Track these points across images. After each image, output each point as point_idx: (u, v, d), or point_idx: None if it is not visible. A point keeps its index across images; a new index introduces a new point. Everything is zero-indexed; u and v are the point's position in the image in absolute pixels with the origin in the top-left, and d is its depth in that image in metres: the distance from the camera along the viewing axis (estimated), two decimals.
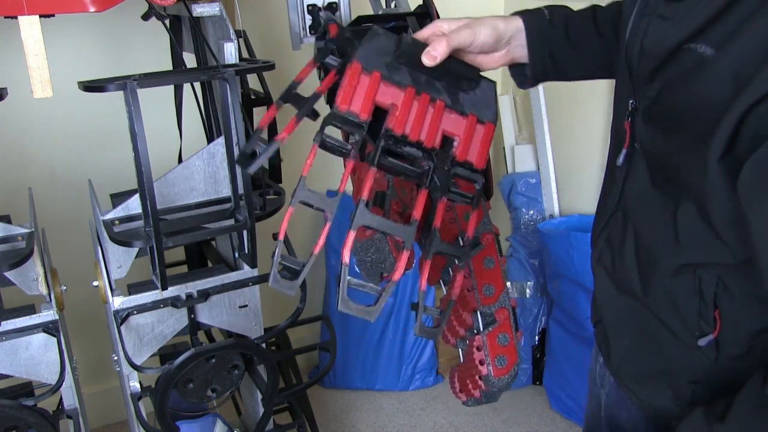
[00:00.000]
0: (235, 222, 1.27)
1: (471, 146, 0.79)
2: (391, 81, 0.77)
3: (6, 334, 1.20)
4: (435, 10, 1.16)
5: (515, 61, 0.93)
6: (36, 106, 1.74)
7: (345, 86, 0.76)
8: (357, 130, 0.75)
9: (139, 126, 1.10)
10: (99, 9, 1.07)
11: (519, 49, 0.91)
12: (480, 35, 0.85)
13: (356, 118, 0.75)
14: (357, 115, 0.75)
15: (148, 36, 1.85)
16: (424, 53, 0.78)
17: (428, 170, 0.76)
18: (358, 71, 0.76)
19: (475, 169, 0.79)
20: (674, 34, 0.70)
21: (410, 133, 0.76)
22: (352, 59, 0.76)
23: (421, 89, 0.78)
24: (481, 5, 2.42)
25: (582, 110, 2.20)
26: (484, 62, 0.90)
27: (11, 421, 1.20)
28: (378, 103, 0.76)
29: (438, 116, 0.78)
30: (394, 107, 0.77)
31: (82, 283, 1.46)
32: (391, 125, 0.76)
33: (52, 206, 1.88)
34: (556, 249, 2.09)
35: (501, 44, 0.89)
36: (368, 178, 0.74)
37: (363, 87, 0.76)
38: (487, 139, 0.79)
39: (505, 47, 0.91)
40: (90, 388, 2.08)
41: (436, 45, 0.79)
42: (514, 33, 0.90)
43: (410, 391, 2.40)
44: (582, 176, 2.27)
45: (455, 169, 0.78)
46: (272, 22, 1.96)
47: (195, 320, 1.33)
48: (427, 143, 0.77)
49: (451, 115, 0.79)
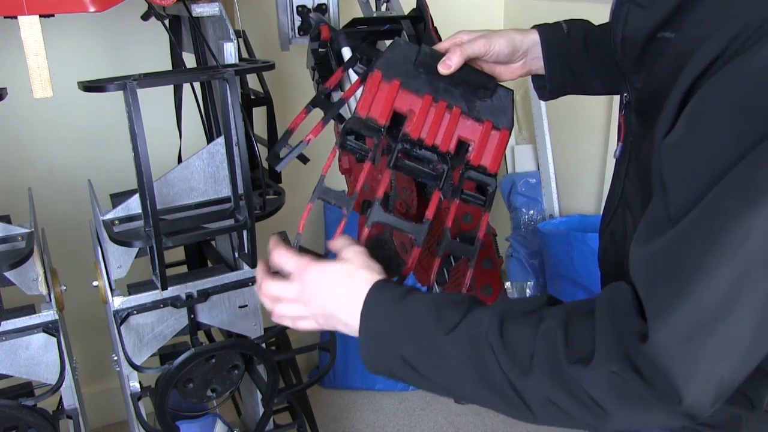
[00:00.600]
0: (235, 222, 1.27)
1: (485, 151, 0.82)
2: (409, 89, 0.81)
3: (6, 334, 1.20)
4: (429, 14, 1.17)
5: (533, 73, 0.96)
6: (36, 106, 1.74)
7: (365, 93, 0.80)
8: (375, 135, 0.79)
9: (138, 126, 1.10)
10: (99, 9, 1.07)
11: (536, 61, 0.94)
12: (495, 45, 0.89)
13: (375, 123, 0.80)
14: (375, 120, 0.79)
15: (148, 36, 1.84)
16: (440, 62, 0.83)
17: (442, 173, 0.80)
18: (379, 79, 0.81)
19: (489, 173, 0.82)
20: (648, 23, 0.69)
21: (426, 137, 0.80)
22: (374, 67, 0.81)
23: (439, 97, 0.82)
24: (480, 10, 2.43)
25: (582, 110, 2.19)
26: (501, 72, 0.93)
27: (11, 421, 1.21)
28: (396, 109, 0.81)
29: (454, 122, 0.82)
30: (412, 113, 0.81)
31: (82, 283, 1.46)
32: (408, 129, 0.80)
33: (52, 206, 1.88)
34: (556, 249, 2.09)
35: (517, 56, 0.92)
36: (383, 179, 0.78)
37: (382, 94, 0.81)
38: (501, 145, 0.83)
39: (522, 59, 0.94)
40: (90, 388, 2.08)
41: (451, 54, 0.83)
42: (531, 46, 0.93)
43: (410, 391, 2.40)
44: (582, 176, 2.27)
45: (469, 172, 0.81)
46: (272, 22, 1.95)
47: (195, 320, 1.33)
48: (442, 147, 0.81)
49: (467, 122, 0.82)
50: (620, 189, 0.83)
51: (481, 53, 0.88)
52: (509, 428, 2.22)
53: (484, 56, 0.89)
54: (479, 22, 2.45)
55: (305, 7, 1.38)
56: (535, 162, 2.41)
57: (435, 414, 2.29)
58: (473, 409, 2.30)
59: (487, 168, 0.82)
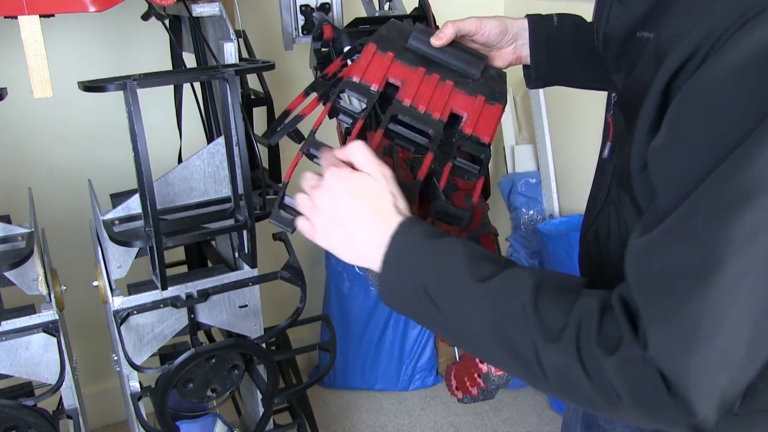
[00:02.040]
0: (235, 222, 1.27)
1: (478, 122, 0.81)
2: (403, 61, 0.82)
3: (6, 334, 1.20)
4: (431, 13, 1.17)
5: (524, 61, 0.97)
6: (36, 106, 1.75)
7: (360, 60, 0.81)
8: (368, 98, 0.79)
9: (139, 126, 1.10)
10: (99, 9, 1.07)
11: (525, 48, 0.96)
12: (486, 24, 0.91)
13: (368, 88, 0.79)
14: (369, 85, 0.79)
15: (148, 36, 1.85)
16: (433, 36, 0.85)
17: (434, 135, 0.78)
18: (373, 51, 0.81)
19: (482, 142, 0.81)
20: (626, 20, 0.69)
21: (419, 104, 0.79)
22: (368, 41, 0.82)
23: (432, 70, 0.82)
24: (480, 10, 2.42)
25: (582, 110, 2.20)
26: (493, 58, 0.94)
27: (11, 421, 1.21)
28: (390, 78, 0.80)
29: (446, 92, 0.81)
30: (405, 83, 0.80)
31: (82, 283, 1.46)
32: (401, 95, 0.79)
33: (52, 206, 1.88)
34: (556, 249, 2.09)
35: (507, 39, 0.94)
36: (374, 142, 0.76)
37: (377, 62, 0.81)
38: (495, 117, 0.82)
39: (512, 43, 0.95)
40: (90, 388, 2.08)
41: (443, 27, 0.86)
42: (520, 30, 0.95)
43: (410, 391, 2.40)
44: (582, 176, 2.27)
45: (461, 142, 0.80)
46: (272, 22, 1.96)
47: (195, 320, 1.33)
48: (435, 114, 0.80)
49: (459, 94, 0.82)
50: (606, 188, 0.83)
51: (472, 30, 0.90)
52: (509, 428, 2.22)
53: (476, 34, 0.91)
54: None
55: (308, 7, 1.37)
56: (535, 162, 2.41)
57: (435, 414, 2.29)
58: (473, 409, 2.30)
59: (480, 138, 0.81)
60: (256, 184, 1.32)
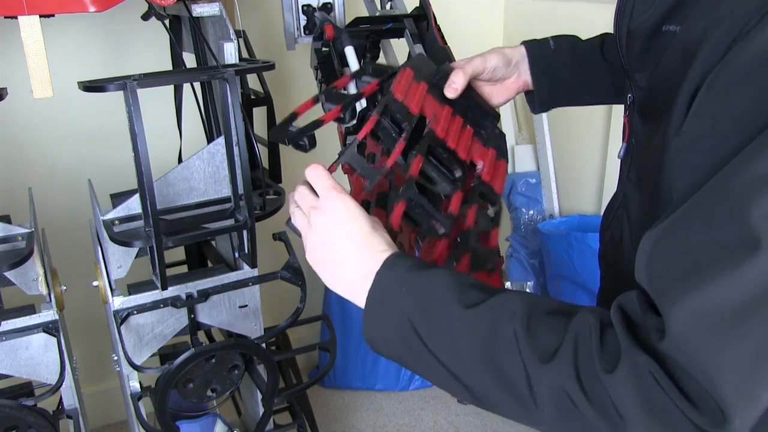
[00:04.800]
0: (235, 222, 1.27)
1: (494, 174, 0.87)
2: (433, 95, 0.85)
3: (6, 334, 1.20)
4: (432, 12, 1.17)
5: (528, 87, 0.99)
6: (36, 106, 1.75)
7: (401, 81, 0.82)
8: (409, 120, 0.80)
9: (139, 126, 1.10)
10: (99, 9, 1.07)
11: (527, 73, 0.98)
12: (489, 61, 0.93)
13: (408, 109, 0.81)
14: (408, 108, 0.81)
15: (148, 36, 1.85)
16: (445, 87, 0.87)
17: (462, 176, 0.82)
18: (411, 76, 0.84)
19: (495, 193, 0.86)
20: (652, 15, 0.68)
21: (448, 139, 0.83)
22: (405, 66, 0.85)
23: (456, 113, 0.86)
24: (480, 10, 2.43)
25: (582, 111, 2.19)
26: (500, 92, 0.97)
27: (11, 421, 1.20)
28: (423, 108, 0.83)
29: (468, 137, 0.86)
30: (436, 117, 0.84)
31: (82, 283, 1.46)
32: (434, 127, 0.82)
33: (52, 206, 1.88)
34: (556, 249, 2.09)
35: (511, 68, 0.96)
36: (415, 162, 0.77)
37: (414, 89, 0.83)
38: (504, 173, 0.88)
39: (515, 71, 0.97)
40: (90, 388, 2.08)
41: (454, 77, 0.88)
42: (520, 58, 0.97)
43: (410, 391, 2.40)
44: (582, 176, 2.27)
45: (480, 185, 0.85)
46: (272, 22, 1.96)
47: (195, 320, 1.33)
48: (461, 155, 0.83)
49: (477, 143, 0.87)
50: (622, 190, 0.83)
51: (479, 70, 0.92)
52: (509, 428, 2.22)
53: (483, 73, 0.93)
54: (479, 22, 2.45)
55: (310, 6, 1.37)
56: (535, 162, 2.41)
57: (435, 414, 2.29)
58: (473, 409, 2.30)
59: (494, 188, 0.85)
60: (256, 184, 1.32)
